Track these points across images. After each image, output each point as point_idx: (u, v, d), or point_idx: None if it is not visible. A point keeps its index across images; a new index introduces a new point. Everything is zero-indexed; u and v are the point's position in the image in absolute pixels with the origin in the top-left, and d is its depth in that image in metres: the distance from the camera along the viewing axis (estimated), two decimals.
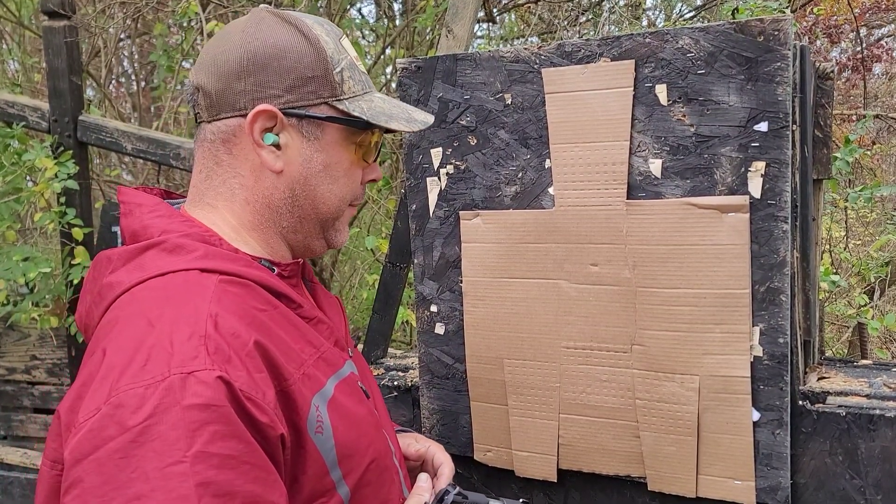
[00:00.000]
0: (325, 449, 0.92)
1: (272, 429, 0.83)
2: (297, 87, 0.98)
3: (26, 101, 2.97)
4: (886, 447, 1.34)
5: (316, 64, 0.99)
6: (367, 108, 1.03)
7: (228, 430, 0.78)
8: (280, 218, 1.03)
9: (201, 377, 0.78)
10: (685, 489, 1.43)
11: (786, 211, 1.31)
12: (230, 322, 0.85)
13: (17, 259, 2.70)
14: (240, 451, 0.78)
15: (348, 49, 1.05)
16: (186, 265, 0.91)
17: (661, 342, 1.41)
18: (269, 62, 0.98)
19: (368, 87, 1.07)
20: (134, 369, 0.79)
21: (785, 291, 1.33)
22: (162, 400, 0.76)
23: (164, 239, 0.93)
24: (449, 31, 2.09)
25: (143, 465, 0.74)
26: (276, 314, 0.94)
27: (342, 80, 1.01)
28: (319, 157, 1.02)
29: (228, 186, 1.01)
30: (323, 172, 1.02)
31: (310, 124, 1.00)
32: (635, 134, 1.39)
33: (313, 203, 1.03)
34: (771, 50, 1.28)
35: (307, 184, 1.02)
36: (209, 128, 1.00)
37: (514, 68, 1.49)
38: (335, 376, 1.00)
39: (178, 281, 0.89)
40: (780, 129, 1.29)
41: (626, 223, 1.41)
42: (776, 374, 1.35)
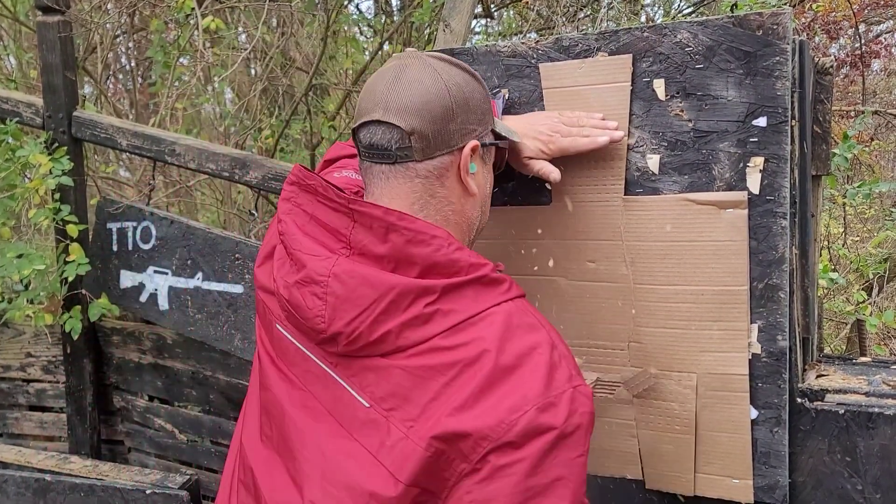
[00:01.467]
0: None
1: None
2: (483, 120, 1.18)
3: (20, 97, 2.96)
4: (885, 445, 1.33)
5: (485, 98, 1.18)
6: (501, 126, 1.25)
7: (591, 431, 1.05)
8: (472, 231, 1.23)
9: (583, 391, 1.03)
10: (683, 488, 1.42)
11: (784, 207, 1.30)
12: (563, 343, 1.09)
13: (12, 256, 2.68)
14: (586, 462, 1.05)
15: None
16: (509, 296, 1.10)
17: (658, 339, 1.40)
18: (467, 103, 1.14)
19: None
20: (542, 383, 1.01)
21: (783, 288, 1.31)
22: (570, 407, 1.01)
23: (483, 274, 1.09)
24: (446, 25, 2.08)
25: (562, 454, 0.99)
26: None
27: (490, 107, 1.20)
28: (489, 177, 1.25)
29: (443, 214, 1.16)
30: (489, 188, 1.25)
31: (487, 151, 1.22)
32: (633, 129, 1.38)
33: (484, 215, 1.25)
34: (770, 44, 1.26)
35: (486, 201, 1.24)
36: (422, 166, 1.12)
37: (511, 63, 1.48)
38: None
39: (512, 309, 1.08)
40: (778, 125, 1.28)
41: (623, 219, 1.40)
42: (774, 372, 1.34)
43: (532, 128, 1.38)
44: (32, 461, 2.72)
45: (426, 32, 4.24)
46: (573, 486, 1.00)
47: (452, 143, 1.13)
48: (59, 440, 3.15)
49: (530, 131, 1.37)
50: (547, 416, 0.99)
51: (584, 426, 1.02)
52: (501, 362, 1.02)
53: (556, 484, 0.99)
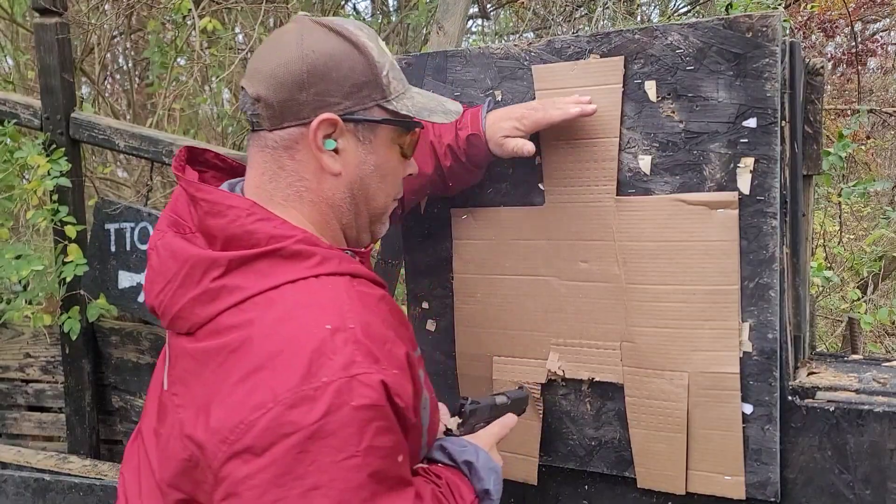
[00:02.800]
0: (425, 429, 1.08)
1: (409, 420, 0.96)
2: (353, 94, 1.06)
3: (18, 99, 2.96)
4: (875, 442, 1.34)
5: (367, 69, 1.07)
6: (411, 104, 1.11)
7: (388, 425, 0.91)
8: (341, 215, 1.11)
9: (364, 380, 0.89)
10: (675, 486, 1.44)
11: (775, 207, 1.31)
12: (375, 326, 0.96)
13: (10, 257, 2.69)
14: (395, 442, 0.92)
15: (386, 50, 1.12)
16: (313, 271, 0.98)
17: (650, 339, 1.41)
18: (328, 73, 1.04)
19: (407, 84, 1.14)
20: (299, 373, 0.88)
21: (774, 287, 1.33)
22: (333, 401, 0.86)
23: (281, 246, 0.99)
24: (439, 27, 2.09)
25: (320, 458, 0.85)
26: (386, 303, 1.05)
27: (388, 82, 1.09)
28: (372, 159, 1.10)
29: (295, 189, 1.07)
30: (374, 172, 1.11)
31: (364, 128, 1.08)
32: (625, 130, 1.39)
33: (367, 201, 1.12)
34: (759, 46, 1.28)
35: (362, 184, 1.11)
36: (270, 136, 1.06)
37: (504, 65, 1.49)
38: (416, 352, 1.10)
39: (316, 287, 0.97)
40: (768, 125, 1.29)
41: (615, 220, 1.41)
42: (765, 370, 1.35)
43: (508, 112, 1.40)
44: (31, 461, 2.73)
45: (423, 33, 4.25)
46: (335, 494, 0.85)
47: (302, 114, 1.04)
48: (58, 440, 3.15)
49: (505, 115, 1.40)
50: (297, 412, 0.86)
51: (357, 422, 0.87)
52: (265, 349, 0.91)
53: (312, 495, 0.85)
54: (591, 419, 1.51)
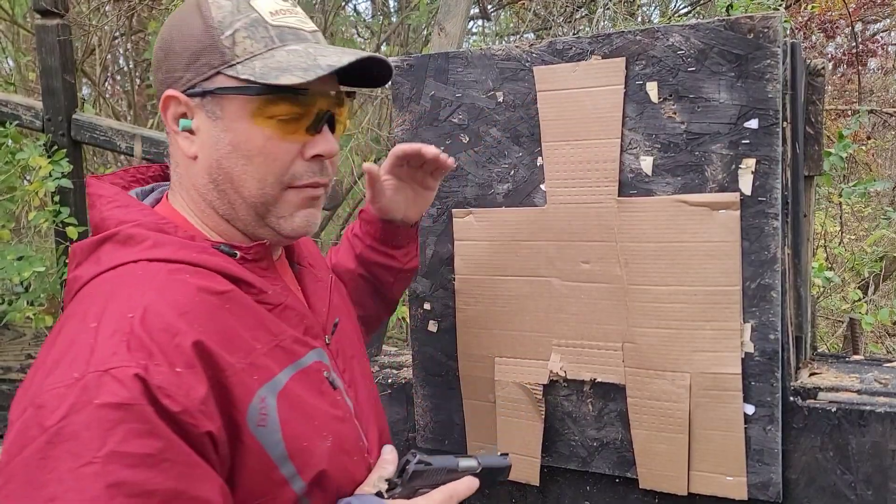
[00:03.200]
0: (270, 442, 0.89)
1: (195, 426, 0.80)
2: (192, 64, 0.94)
3: (20, 100, 2.97)
4: (877, 442, 1.35)
5: (204, 33, 0.94)
6: (262, 66, 0.93)
7: (145, 428, 0.76)
8: (213, 206, 0.99)
9: (117, 375, 0.76)
10: (676, 486, 1.44)
11: (776, 208, 1.31)
12: (162, 314, 0.83)
13: (12, 258, 2.70)
14: (158, 449, 0.76)
15: (262, 6, 0.96)
16: (135, 256, 0.89)
17: (652, 339, 1.41)
18: (171, 46, 0.95)
19: (279, 41, 0.95)
20: (61, 369, 0.78)
21: (776, 288, 1.33)
22: (77, 399, 0.75)
23: (118, 230, 0.91)
24: (441, 29, 2.09)
25: (59, 465, 0.73)
26: (227, 300, 0.91)
27: (234, 43, 0.93)
28: (226, 137, 0.95)
29: (176, 175, 1.00)
30: (232, 153, 0.95)
31: (210, 102, 0.94)
32: (626, 131, 1.40)
33: (235, 188, 0.96)
34: (761, 47, 1.28)
35: (220, 168, 0.96)
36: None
37: (505, 66, 1.49)
38: (293, 366, 0.96)
39: (123, 274, 0.88)
40: (770, 126, 1.30)
41: (617, 220, 1.41)
42: (767, 371, 1.35)
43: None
44: None
45: (423, 34, 4.25)
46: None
47: (161, 95, 0.97)
48: None
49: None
50: (43, 413, 0.76)
51: (99, 423, 0.74)
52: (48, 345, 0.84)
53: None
54: (592, 420, 1.51)
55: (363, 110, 4.50)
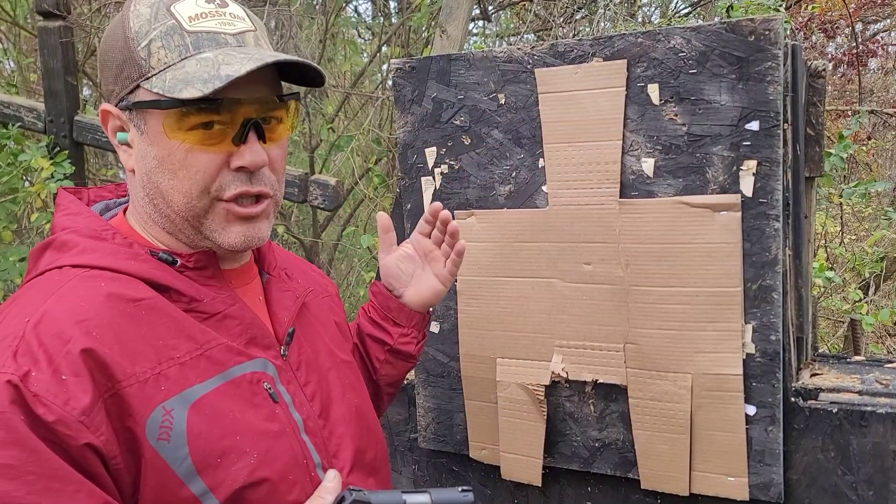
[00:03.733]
0: (175, 458, 0.84)
1: (72, 438, 0.76)
2: (118, 76, 0.92)
3: (22, 102, 2.97)
4: (878, 443, 1.35)
5: (123, 45, 0.91)
6: (171, 78, 0.89)
7: (9, 437, 0.73)
8: (153, 217, 0.96)
9: None
10: (678, 487, 1.44)
11: (777, 209, 1.32)
12: (57, 320, 0.81)
13: (14, 259, 2.70)
14: (22, 461, 0.73)
15: (182, 11, 0.92)
16: (61, 262, 0.89)
17: (653, 340, 1.42)
18: (103, 59, 0.94)
19: (193, 49, 0.90)
20: None
21: (777, 289, 1.34)
22: None
23: (55, 237, 0.91)
24: (443, 31, 2.10)
25: None
26: (143, 308, 0.88)
27: (149, 54, 0.89)
28: (152, 151, 0.92)
29: (132, 188, 0.99)
30: (158, 167, 0.92)
31: (136, 116, 0.92)
32: (628, 133, 1.40)
33: (165, 201, 0.94)
34: (762, 49, 1.29)
35: (150, 181, 0.93)
36: None
37: (507, 68, 1.50)
38: (219, 377, 0.91)
39: (43, 280, 0.87)
40: (771, 128, 1.30)
41: (618, 222, 1.42)
42: (768, 372, 1.36)
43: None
44: None
45: (424, 35, 4.26)
46: None
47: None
48: None
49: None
50: None
51: None
52: None
53: None
54: (594, 420, 1.52)
55: (364, 112, 4.51)
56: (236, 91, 0.89)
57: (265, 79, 0.94)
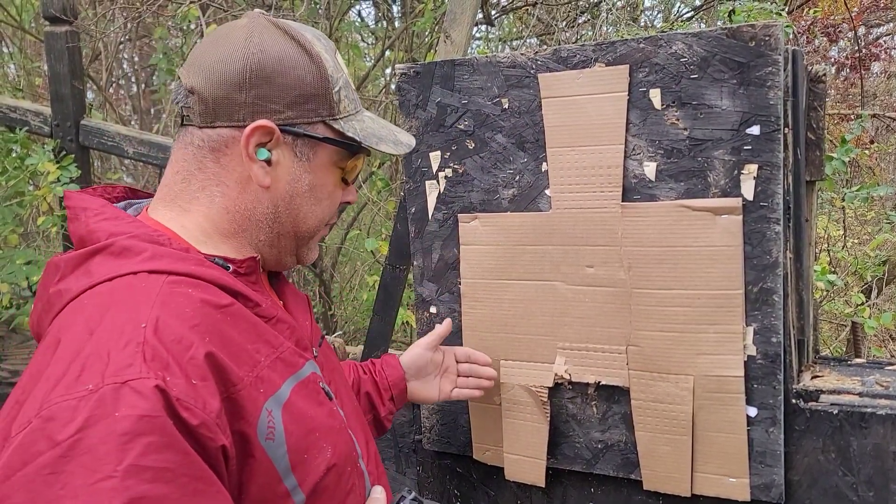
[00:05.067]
0: (277, 455, 0.89)
1: (212, 440, 0.79)
2: (297, 105, 0.98)
3: (28, 106, 3.00)
4: (878, 444, 1.36)
5: (318, 82, 0.99)
6: (360, 128, 1.04)
7: (164, 441, 0.74)
8: (259, 231, 1.01)
9: (136, 387, 0.75)
10: (680, 488, 1.45)
11: (778, 213, 1.33)
12: (173, 326, 0.82)
13: (20, 262, 2.72)
14: (176, 464, 0.75)
15: (343, 66, 1.04)
16: (133, 268, 0.88)
17: (655, 343, 1.43)
18: (273, 76, 0.96)
19: (359, 105, 1.07)
20: (68, 380, 0.75)
21: (778, 292, 1.35)
22: (93, 412, 0.72)
23: (111, 242, 0.89)
24: (447, 36, 2.11)
25: (72, 480, 0.70)
26: (230, 313, 0.91)
27: (339, 100, 1.01)
28: (307, 178, 1.02)
29: (208, 193, 0.98)
30: (308, 193, 1.03)
31: (304, 144, 1.00)
32: (630, 137, 1.42)
33: (294, 222, 1.03)
34: (762, 55, 1.30)
35: (291, 203, 1.02)
36: (199, 133, 0.98)
37: (510, 73, 1.51)
38: (293, 378, 0.97)
39: (124, 285, 0.86)
40: (771, 133, 1.32)
41: (621, 225, 1.43)
42: (770, 373, 1.37)
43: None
44: None
45: (427, 40, 4.28)
46: None
47: (237, 116, 0.96)
48: None
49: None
50: (53, 426, 0.73)
51: (118, 436, 0.72)
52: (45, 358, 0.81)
53: None
54: (597, 422, 1.53)
55: None
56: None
57: None
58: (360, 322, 4.41)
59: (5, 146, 2.84)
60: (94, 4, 4.47)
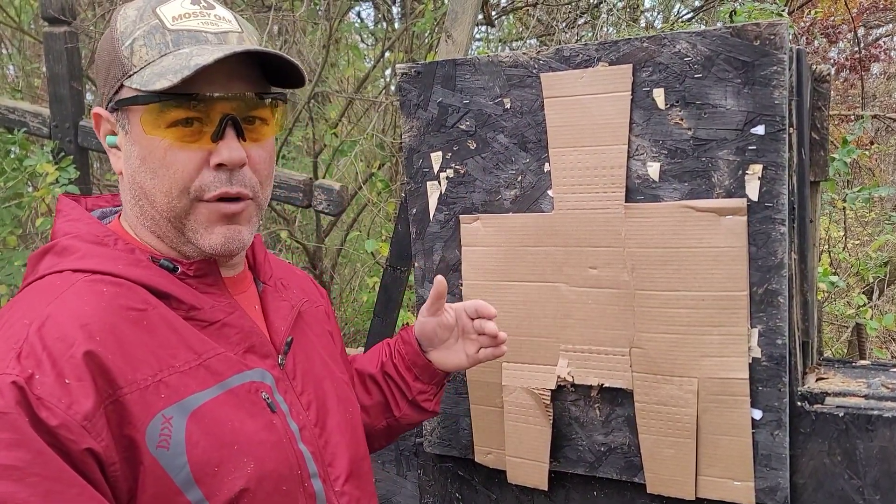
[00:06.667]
0: (174, 466, 0.85)
1: (74, 442, 0.77)
2: (106, 78, 0.94)
3: (27, 107, 2.99)
4: (884, 447, 1.35)
5: (110, 46, 0.93)
6: (150, 73, 0.89)
7: (14, 438, 0.73)
8: (142, 221, 0.97)
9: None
10: (684, 491, 1.44)
11: (783, 213, 1.32)
12: (61, 324, 0.81)
13: (19, 264, 2.71)
14: (26, 462, 0.73)
15: (166, 11, 0.92)
16: (63, 266, 0.89)
17: (659, 345, 1.42)
18: (96, 64, 0.96)
19: (173, 46, 0.91)
20: None
21: (783, 293, 1.34)
22: None
23: (56, 242, 0.92)
24: (448, 36, 2.10)
25: None
26: (145, 316, 0.89)
27: (132, 53, 0.91)
28: (135, 150, 0.93)
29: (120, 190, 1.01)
30: (142, 167, 0.93)
31: (122, 116, 0.94)
32: (633, 138, 1.40)
33: (149, 202, 0.94)
34: (767, 54, 1.29)
35: (135, 182, 0.94)
36: None
37: (512, 73, 1.50)
38: (218, 386, 0.92)
39: (45, 283, 0.88)
40: (776, 133, 1.30)
41: (624, 226, 1.42)
42: (774, 376, 1.36)
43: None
44: None
45: (427, 41, 4.27)
46: None
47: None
48: None
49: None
50: None
51: None
52: None
53: None
54: (600, 425, 1.52)
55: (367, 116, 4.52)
56: (214, 87, 0.90)
57: (247, 77, 0.95)
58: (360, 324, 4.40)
59: (4, 147, 2.83)
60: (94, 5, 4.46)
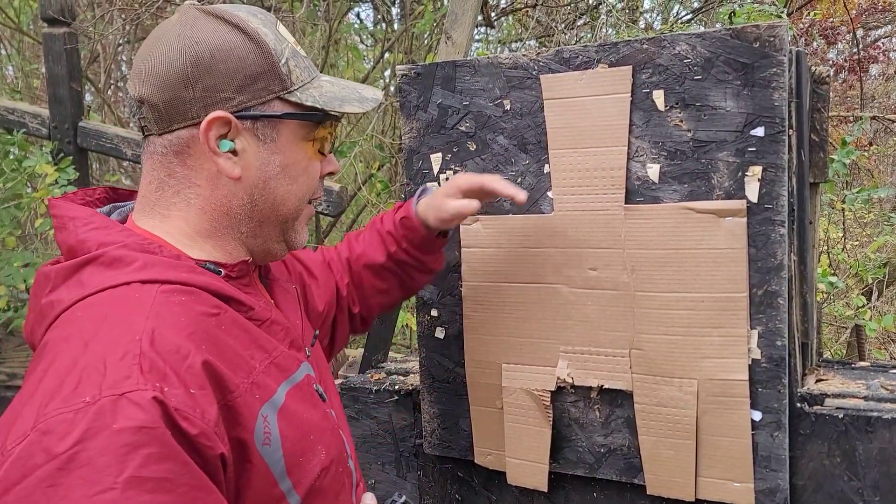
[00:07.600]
0: (273, 460, 0.90)
1: (211, 449, 0.79)
2: (246, 87, 0.95)
3: (26, 108, 2.99)
4: (884, 449, 1.35)
5: (261, 58, 0.96)
6: (319, 95, 1.00)
7: (163, 452, 0.74)
8: (239, 224, 1.00)
9: (134, 398, 0.74)
10: (684, 493, 1.44)
11: (783, 215, 1.32)
12: (169, 336, 0.82)
13: (18, 265, 2.71)
14: (176, 474, 0.75)
15: (286, 36, 1.01)
16: (126, 278, 0.87)
17: (659, 346, 1.42)
18: (215, 65, 0.93)
19: (314, 71, 1.03)
20: (64, 393, 0.75)
21: (782, 294, 1.34)
22: (92, 424, 0.72)
23: (101, 253, 0.88)
24: (448, 37, 2.10)
25: (71, 493, 0.70)
26: (223, 320, 0.91)
27: (290, 71, 0.98)
28: (277, 159, 0.99)
29: (183, 196, 0.97)
30: (282, 174, 0.99)
31: (265, 125, 0.97)
32: (633, 139, 1.41)
33: (273, 206, 1.00)
34: (767, 56, 1.29)
35: (266, 188, 0.99)
36: (160, 141, 0.96)
37: (512, 74, 1.50)
38: (287, 382, 0.97)
39: (117, 296, 0.85)
40: (776, 134, 1.31)
41: (624, 228, 1.42)
42: (774, 377, 1.36)
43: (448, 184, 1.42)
44: None
45: (426, 42, 4.27)
46: None
47: (190, 114, 0.94)
48: None
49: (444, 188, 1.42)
50: (50, 439, 0.72)
51: (117, 448, 0.72)
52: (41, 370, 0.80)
53: None
54: (600, 426, 1.52)
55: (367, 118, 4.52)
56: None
57: None
58: None
59: (3, 148, 2.83)
60: (93, 6, 4.46)
